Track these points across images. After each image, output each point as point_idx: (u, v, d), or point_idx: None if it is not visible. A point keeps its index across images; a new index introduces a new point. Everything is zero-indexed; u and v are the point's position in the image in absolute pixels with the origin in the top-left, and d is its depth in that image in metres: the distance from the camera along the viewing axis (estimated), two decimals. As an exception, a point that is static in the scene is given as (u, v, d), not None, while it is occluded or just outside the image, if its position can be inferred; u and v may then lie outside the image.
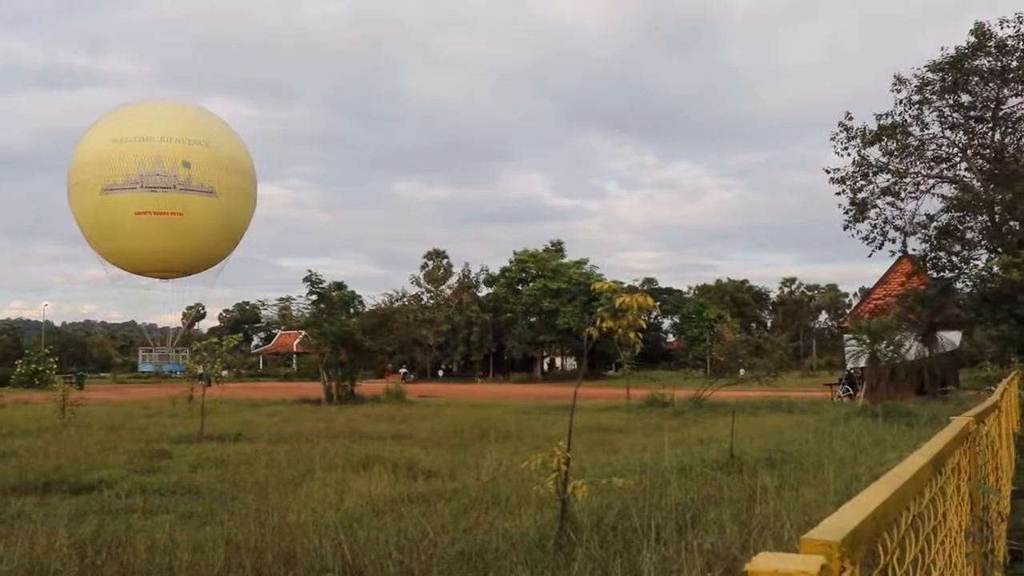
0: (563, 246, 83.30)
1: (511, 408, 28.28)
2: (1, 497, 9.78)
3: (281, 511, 8.32)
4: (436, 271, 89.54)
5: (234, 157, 44.29)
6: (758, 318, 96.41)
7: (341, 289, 36.37)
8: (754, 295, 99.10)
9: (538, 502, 7.96)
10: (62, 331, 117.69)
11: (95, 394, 35.51)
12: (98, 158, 41.45)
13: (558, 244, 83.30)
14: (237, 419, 22.25)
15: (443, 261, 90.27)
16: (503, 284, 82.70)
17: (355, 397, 32.70)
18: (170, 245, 41.25)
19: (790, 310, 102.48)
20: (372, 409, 27.65)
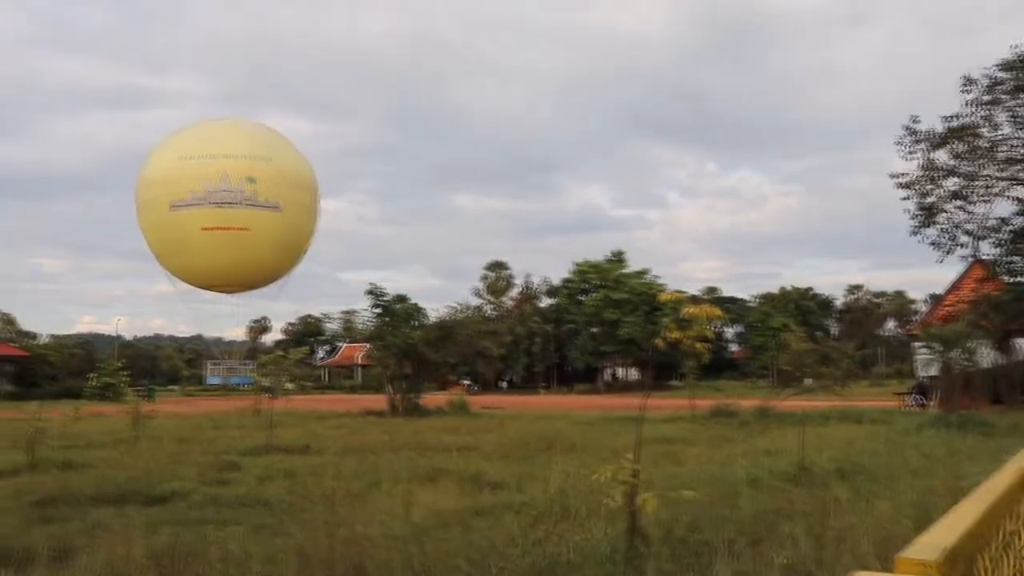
0: (624, 256, 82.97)
1: (575, 419, 28.17)
2: (80, 507, 10.03)
3: (350, 523, 8.40)
4: (498, 283, 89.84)
5: (298, 172, 44.93)
6: (823, 326, 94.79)
7: (404, 302, 36.63)
8: (819, 303, 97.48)
9: (607, 515, 7.92)
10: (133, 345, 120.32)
11: (165, 407, 36.27)
12: (165, 175, 42.37)
13: (619, 254, 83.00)
14: (303, 431, 22.50)
15: (504, 272, 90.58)
16: (565, 295, 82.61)
17: (419, 409, 32.85)
18: (236, 260, 41.91)
19: (856, 318, 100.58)
20: (436, 421, 27.77)
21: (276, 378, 22.38)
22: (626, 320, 74.94)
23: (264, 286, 45.87)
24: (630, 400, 48.53)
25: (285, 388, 21.77)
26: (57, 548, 7.40)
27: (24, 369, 67.69)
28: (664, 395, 48.89)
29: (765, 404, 28.10)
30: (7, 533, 8.12)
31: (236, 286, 44.51)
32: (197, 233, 41.23)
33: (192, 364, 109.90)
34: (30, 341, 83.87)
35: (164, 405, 40.11)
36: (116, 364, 59.29)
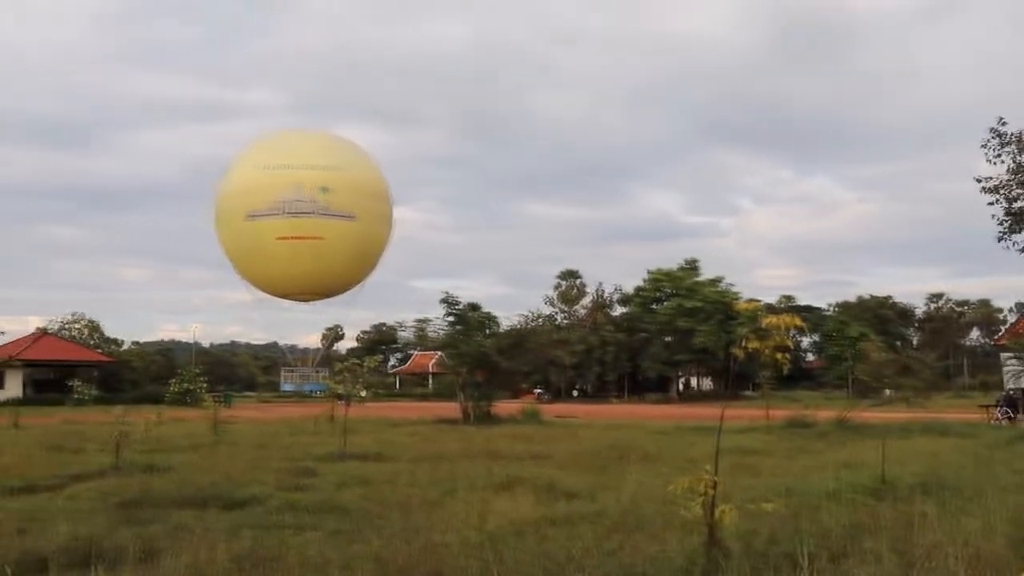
0: (698, 264, 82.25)
1: (648, 429, 27.96)
2: (163, 509, 10.27)
3: (426, 530, 8.46)
4: (570, 291, 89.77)
5: (371, 182, 45.54)
6: (903, 336, 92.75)
7: (476, 310, 36.83)
8: (898, 312, 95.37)
9: (683, 526, 7.84)
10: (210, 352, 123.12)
11: (242, 412, 37.03)
12: (243, 186, 43.32)
13: (693, 262, 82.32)
14: (377, 438, 22.73)
15: (576, 281, 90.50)
16: (637, 303, 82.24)
17: (492, 417, 32.94)
18: (311, 269, 42.62)
19: (938, 327, 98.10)
20: (509, 429, 27.79)
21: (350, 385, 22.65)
22: (700, 329, 74.27)
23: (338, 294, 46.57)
24: (704, 410, 48.00)
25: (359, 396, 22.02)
26: (143, 549, 7.59)
27: (109, 375, 69.72)
28: (739, 405, 48.29)
29: (843, 415, 27.54)
30: (97, 533, 8.35)
31: (311, 294, 45.28)
32: (272, 242, 42.04)
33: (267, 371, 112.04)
34: (115, 348, 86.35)
35: (241, 411, 40.98)
36: (195, 370, 60.68)
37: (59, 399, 56.48)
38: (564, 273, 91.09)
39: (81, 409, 45.30)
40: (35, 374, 67.09)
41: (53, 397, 58.38)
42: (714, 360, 75.96)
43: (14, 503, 11.09)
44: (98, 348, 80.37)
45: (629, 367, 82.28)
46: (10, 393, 60.30)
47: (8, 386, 62.81)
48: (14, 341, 68.13)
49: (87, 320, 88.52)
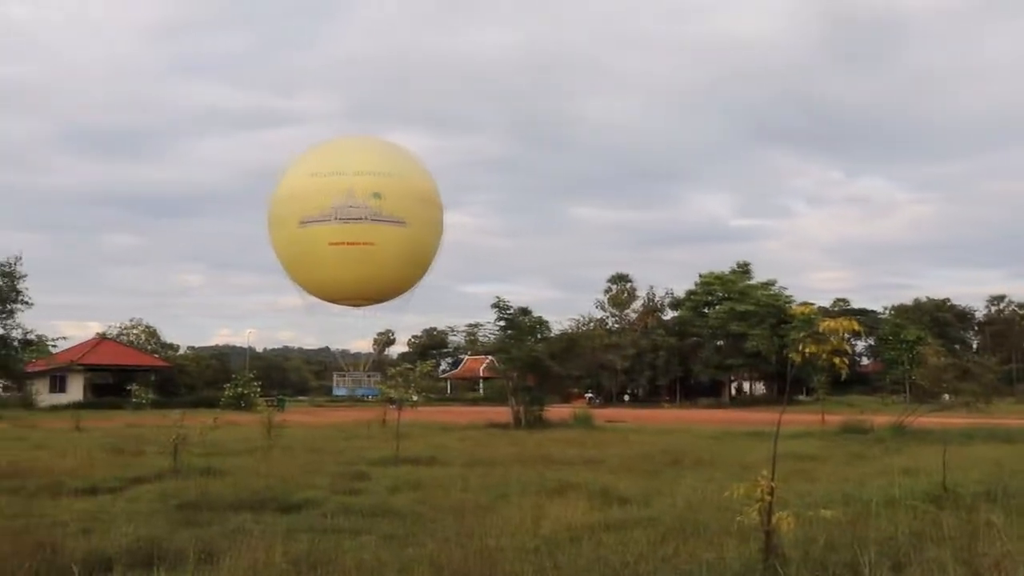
0: (750, 267, 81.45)
1: (700, 434, 27.77)
2: (221, 512, 10.42)
3: (480, 535, 8.47)
4: (620, 295, 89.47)
5: (422, 187, 45.86)
6: (963, 339, 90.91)
7: (527, 314, 36.84)
8: (957, 314, 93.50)
9: (740, 533, 7.77)
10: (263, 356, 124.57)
11: (295, 417, 37.42)
12: (296, 192, 43.90)
13: (744, 265, 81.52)
14: (430, 442, 22.84)
15: (627, 285, 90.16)
16: (689, 307, 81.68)
17: (543, 422, 32.96)
18: (362, 274, 43.02)
19: (999, 331, 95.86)
20: (560, 434, 27.78)
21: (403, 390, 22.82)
22: (752, 333, 73.55)
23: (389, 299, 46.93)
24: (756, 415, 47.50)
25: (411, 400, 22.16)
26: (203, 550, 7.71)
27: (165, 379, 70.94)
28: (792, 410, 47.69)
29: (901, 421, 27.07)
30: (158, 535, 8.50)
31: (363, 299, 45.69)
32: (324, 248, 42.51)
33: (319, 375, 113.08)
34: (171, 353, 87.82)
35: (294, 415, 41.42)
36: (249, 375, 61.50)
37: (117, 403, 57.62)
38: (615, 277, 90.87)
39: (139, 413, 46.18)
40: (95, 378, 68.52)
41: (112, 401, 59.58)
42: (766, 364, 75.13)
43: (78, 504, 11.35)
44: (155, 353, 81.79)
45: (680, 371, 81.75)
46: (71, 396, 61.68)
47: (70, 390, 64.25)
48: (75, 346, 69.65)
49: (145, 325, 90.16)
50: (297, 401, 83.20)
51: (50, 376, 63.73)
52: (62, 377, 64.74)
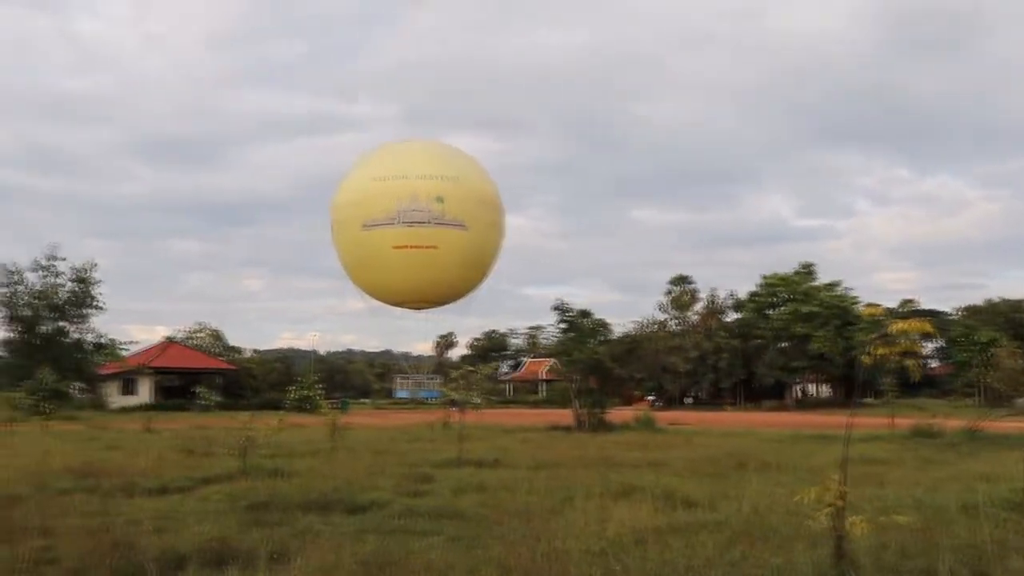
0: (814, 268, 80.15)
1: (764, 437, 27.43)
2: (289, 512, 10.58)
3: (546, 537, 8.48)
4: (682, 297, 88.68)
5: (484, 190, 45.99)
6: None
7: (588, 317, 36.72)
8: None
9: (810, 537, 7.66)
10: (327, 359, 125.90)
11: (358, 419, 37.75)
12: (359, 196, 44.30)
13: (808, 266, 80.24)
14: (492, 445, 22.88)
15: (689, 287, 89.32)
16: (751, 309, 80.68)
17: (605, 424, 32.83)
18: (425, 277, 43.28)
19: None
20: (623, 437, 27.65)
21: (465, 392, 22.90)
22: (816, 335, 72.41)
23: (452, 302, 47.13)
24: (821, 418, 46.76)
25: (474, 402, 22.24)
26: (273, 550, 7.84)
27: (231, 382, 72.16)
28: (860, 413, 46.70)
29: (974, 425, 26.39)
30: (229, 535, 8.66)
31: (425, 302, 45.96)
32: (387, 251, 42.83)
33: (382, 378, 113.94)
34: (236, 356, 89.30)
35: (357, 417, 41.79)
36: (313, 378, 62.24)
37: (184, 405, 58.80)
38: (676, 279, 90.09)
39: (205, 415, 47.01)
40: (163, 381, 69.97)
41: (179, 403, 60.82)
42: (831, 366, 73.90)
43: (151, 503, 11.61)
44: (221, 356, 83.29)
45: (743, 374, 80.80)
46: (141, 399, 63.17)
47: (139, 392, 65.80)
48: (145, 350, 71.34)
49: (211, 329, 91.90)
50: (360, 403, 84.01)
51: (121, 379, 65.30)
52: (132, 380, 66.28)
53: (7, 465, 16.61)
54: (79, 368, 55.33)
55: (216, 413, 48.65)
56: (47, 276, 54.51)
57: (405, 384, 57.26)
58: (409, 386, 56.76)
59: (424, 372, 55.38)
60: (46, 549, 8.25)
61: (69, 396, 52.16)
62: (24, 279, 54.21)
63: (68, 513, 10.43)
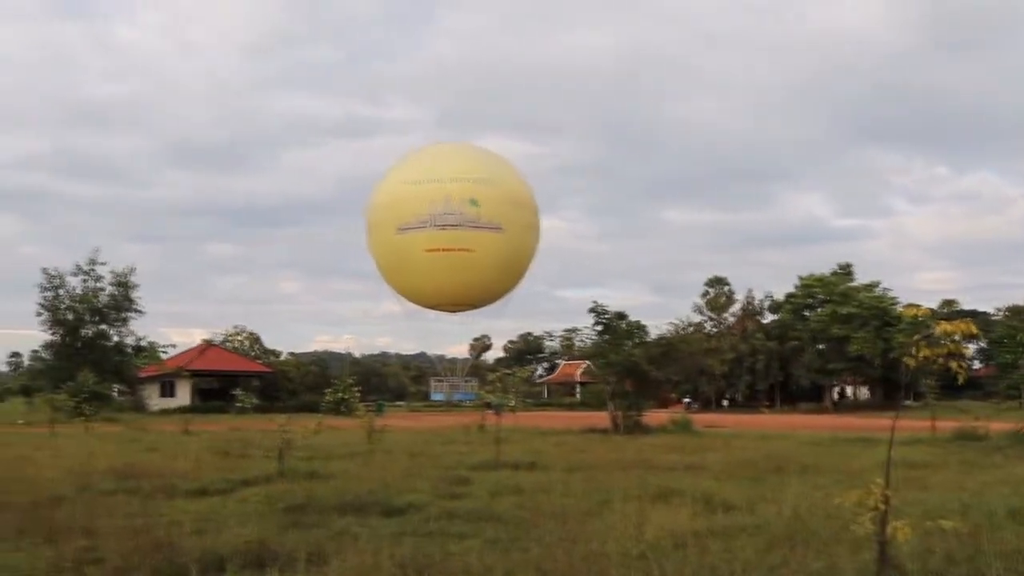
0: (852, 269, 79.38)
1: (803, 440, 27.18)
2: (326, 514, 10.64)
3: (584, 540, 8.46)
4: (718, 298, 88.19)
5: (518, 193, 45.97)
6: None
7: (623, 319, 36.61)
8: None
9: (852, 542, 7.57)
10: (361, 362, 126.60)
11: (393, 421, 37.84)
12: (393, 199, 44.47)
13: (846, 267, 79.49)
14: (528, 447, 22.88)
15: (724, 288, 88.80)
16: (788, 310, 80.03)
17: (641, 427, 32.73)
18: (460, 280, 43.32)
19: None
20: (660, 439, 27.53)
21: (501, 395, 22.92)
22: (855, 336, 71.69)
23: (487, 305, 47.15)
24: (861, 420, 46.25)
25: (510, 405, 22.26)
26: (311, 553, 7.89)
27: (268, 384, 72.80)
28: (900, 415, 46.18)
29: (1021, 427, 25.91)
30: (267, 537, 8.73)
31: (460, 305, 46.02)
32: (422, 255, 42.94)
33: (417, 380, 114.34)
34: (273, 358, 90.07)
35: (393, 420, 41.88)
36: (348, 380, 62.56)
37: (222, 407, 59.41)
38: (712, 280, 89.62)
39: (243, 417, 47.42)
40: (201, 383, 70.80)
41: (217, 405, 61.49)
42: (870, 368, 73.10)
43: (191, 504, 11.74)
44: (258, 359, 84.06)
45: (781, 376, 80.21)
46: (179, 401, 63.93)
47: (178, 394, 66.61)
48: (183, 353, 72.15)
49: (248, 332, 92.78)
50: (395, 406, 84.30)
51: (160, 381, 66.16)
52: (171, 382, 67.10)
53: (51, 466, 16.89)
54: (119, 371, 56.15)
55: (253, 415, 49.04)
56: (88, 280, 55.33)
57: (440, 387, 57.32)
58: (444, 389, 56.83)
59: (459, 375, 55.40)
60: (90, 549, 8.38)
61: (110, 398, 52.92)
62: (66, 283, 55.07)
63: (111, 514, 10.57)
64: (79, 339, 55.01)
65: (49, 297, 54.53)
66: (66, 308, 54.63)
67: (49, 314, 54.61)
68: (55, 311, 54.53)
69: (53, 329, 54.95)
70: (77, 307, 54.63)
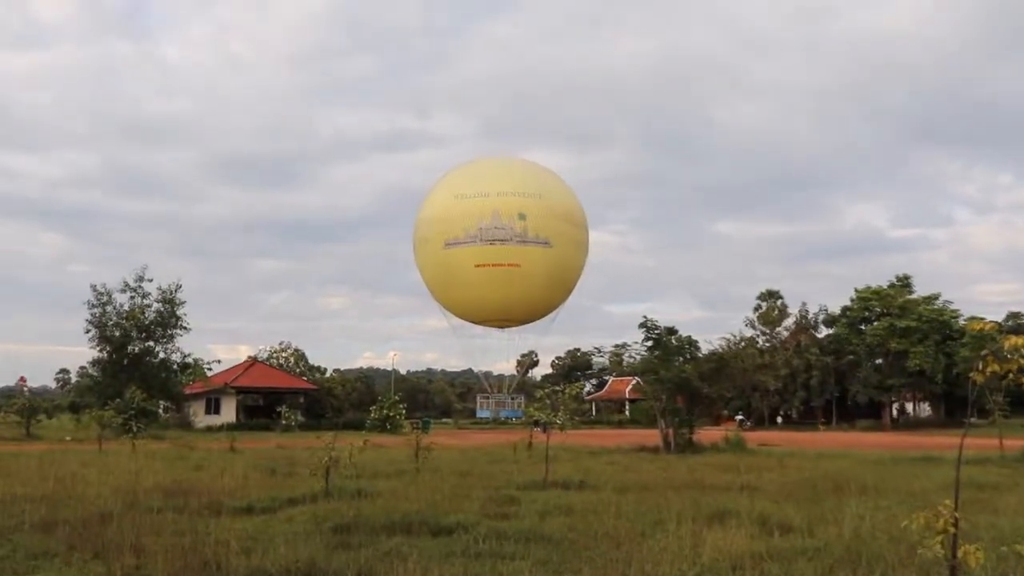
0: (910, 280, 78.15)
1: (861, 459, 26.72)
2: (374, 534, 10.65)
3: (638, 562, 8.37)
4: (771, 312, 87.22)
5: (566, 207, 46.05)
6: None
7: (674, 334, 36.38)
8: None
9: (919, 566, 7.41)
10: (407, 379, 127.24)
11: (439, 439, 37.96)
12: (441, 214, 44.80)
13: (905, 279, 78.31)
14: (578, 466, 22.78)
15: (777, 301, 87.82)
16: (844, 324, 78.94)
17: (693, 445, 32.48)
18: (508, 296, 43.47)
19: None
20: (712, 458, 27.27)
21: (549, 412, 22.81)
22: (914, 350, 70.52)
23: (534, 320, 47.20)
24: (922, 438, 45.37)
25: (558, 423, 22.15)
26: (359, 573, 7.90)
27: (313, 401, 73.38)
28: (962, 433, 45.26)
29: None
30: (315, 556, 8.75)
31: (507, 321, 46.13)
32: (470, 270, 43.18)
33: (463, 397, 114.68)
34: (318, 375, 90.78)
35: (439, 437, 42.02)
36: (394, 397, 62.86)
37: (267, 424, 60.04)
38: (764, 293, 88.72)
39: (288, 434, 47.83)
40: (246, 400, 71.52)
41: (262, 422, 62.18)
42: (931, 384, 71.82)
43: (237, 523, 11.82)
44: (303, 376, 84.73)
45: (837, 392, 79.16)
46: (225, 418, 64.55)
47: (223, 411, 67.24)
48: (228, 369, 72.95)
49: (293, 349, 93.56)
50: (441, 423, 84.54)
51: (206, 398, 66.90)
52: (217, 399, 67.83)
53: (100, 483, 17.13)
54: (166, 387, 56.86)
55: (298, 433, 49.48)
56: (135, 297, 56.21)
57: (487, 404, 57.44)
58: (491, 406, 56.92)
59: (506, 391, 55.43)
60: (138, 567, 8.48)
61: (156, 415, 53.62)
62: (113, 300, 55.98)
63: (158, 531, 10.69)
64: (126, 356, 55.85)
65: (97, 314, 55.45)
66: (113, 325, 55.51)
67: (97, 331, 55.51)
68: (103, 328, 55.43)
69: (100, 346, 55.84)
70: (124, 324, 55.47)
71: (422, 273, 47.23)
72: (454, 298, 45.96)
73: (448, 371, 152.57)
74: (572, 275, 46.82)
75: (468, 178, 46.17)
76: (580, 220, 47.12)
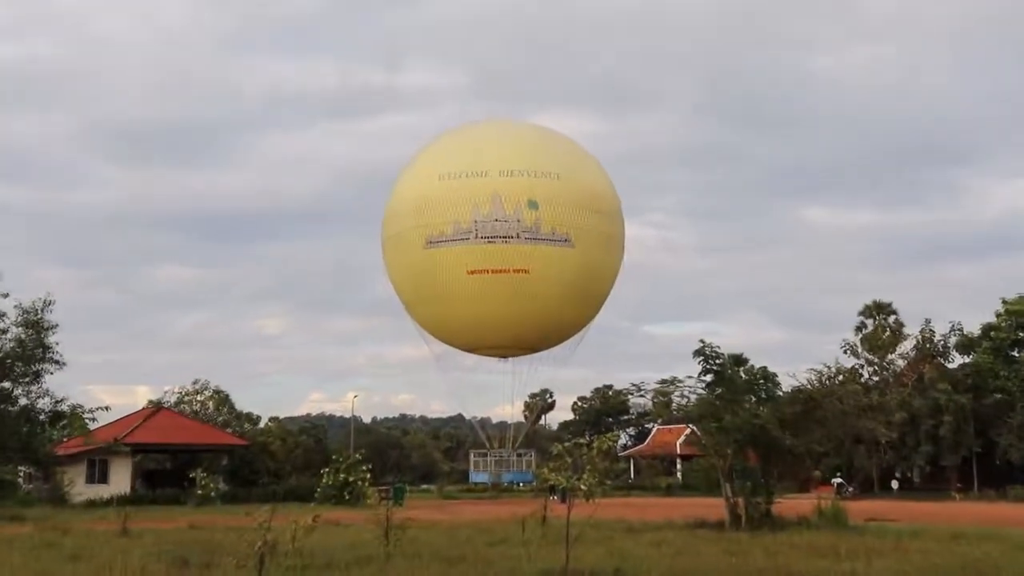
0: (1084, 290, 78.19)
1: (1016, 542, 26.68)
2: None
3: None
4: (880, 333, 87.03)
5: (594, 192, 45.78)
6: None
7: (743, 364, 36.38)
8: None
9: None
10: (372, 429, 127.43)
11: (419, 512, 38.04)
12: (420, 202, 44.63)
13: (1076, 287, 78.31)
14: (611, 549, 22.89)
15: (890, 319, 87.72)
16: (987, 349, 78.86)
17: (772, 520, 32.52)
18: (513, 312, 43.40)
19: None
20: (799, 537, 27.28)
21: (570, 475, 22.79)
22: (1091, 388, 70.59)
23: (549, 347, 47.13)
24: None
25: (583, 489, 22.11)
26: None
27: (242, 462, 73.32)
28: None
29: None
30: None
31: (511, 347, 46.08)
32: (460, 277, 43.17)
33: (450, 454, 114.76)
34: (249, 426, 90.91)
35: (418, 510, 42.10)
36: (354, 456, 62.81)
37: (176, 496, 60.05)
38: (870, 307, 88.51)
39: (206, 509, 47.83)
40: (146, 462, 71.56)
41: (168, 493, 62.22)
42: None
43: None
44: (227, 427, 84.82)
45: (978, 445, 78.95)
46: (115, 488, 64.24)
47: (113, 479, 66.93)
48: (121, 419, 72.57)
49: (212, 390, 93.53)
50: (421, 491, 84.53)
51: (87, 460, 66.69)
52: (103, 461, 67.59)
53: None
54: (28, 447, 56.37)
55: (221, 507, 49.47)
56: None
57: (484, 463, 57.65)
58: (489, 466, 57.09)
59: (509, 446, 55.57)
60: None
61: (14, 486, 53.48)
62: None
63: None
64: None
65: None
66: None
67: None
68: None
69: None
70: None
71: (394, 282, 47.31)
72: (438, 316, 46.00)
73: (430, 418, 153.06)
74: (601, 285, 46.82)
75: (457, 151, 46.11)
76: (612, 209, 47.04)
